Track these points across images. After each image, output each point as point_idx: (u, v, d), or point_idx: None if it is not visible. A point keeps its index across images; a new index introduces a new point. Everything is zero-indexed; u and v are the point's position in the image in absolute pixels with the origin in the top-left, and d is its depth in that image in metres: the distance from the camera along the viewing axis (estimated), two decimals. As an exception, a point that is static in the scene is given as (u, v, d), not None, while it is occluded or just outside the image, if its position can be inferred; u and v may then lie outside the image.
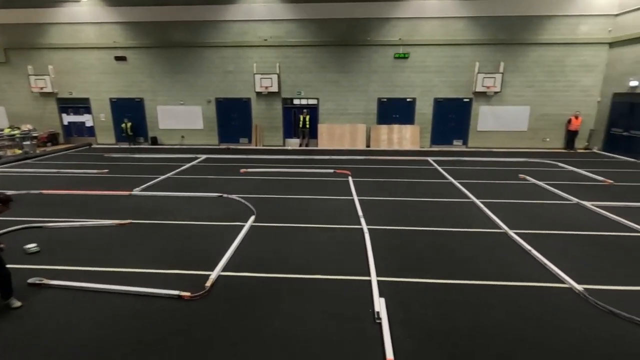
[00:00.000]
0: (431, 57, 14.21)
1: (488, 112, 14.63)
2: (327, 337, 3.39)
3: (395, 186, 8.85)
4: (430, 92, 14.63)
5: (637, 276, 4.48)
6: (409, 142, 14.84)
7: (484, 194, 8.06)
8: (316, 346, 3.27)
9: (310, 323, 3.60)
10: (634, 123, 12.61)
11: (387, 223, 6.28)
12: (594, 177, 9.67)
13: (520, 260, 4.92)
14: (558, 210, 7.01)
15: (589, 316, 3.70)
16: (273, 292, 4.16)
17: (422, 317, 3.69)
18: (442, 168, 10.89)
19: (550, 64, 13.95)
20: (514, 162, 11.86)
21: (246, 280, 4.43)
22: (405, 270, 4.63)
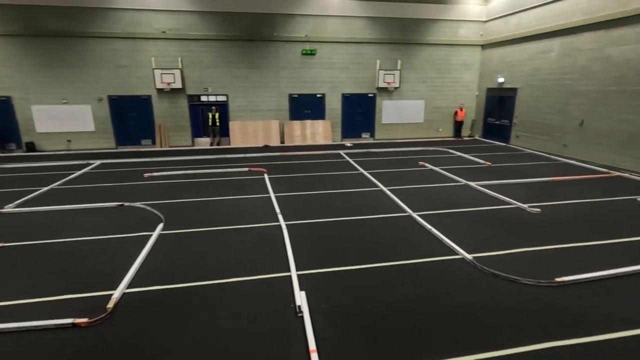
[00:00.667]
0: (336, 54, 14.80)
1: (390, 106, 15.88)
2: (249, 338, 3.32)
3: (311, 180, 9.04)
4: (338, 88, 15.26)
5: (511, 242, 5.35)
6: (321, 137, 15.29)
7: (390, 181, 8.75)
8: (238, 349, 3.17)
9: (231, 328, 3.47)
10: (503, 113, 15.02)
11: (305, 217, 6.39)
12: (476, 160, 11.26)
13: (423, 239, 5.48)
14: (451, 191, 7.99)
15: (478, 279, 4.30)
16: (188, 303, 3.89)
17: (341, 304, 3.85)
18: (353, 160, 11.50)
19: (438, 62, 15.73)
20: (414, 151, 13.12)
21: (157, 295, 4.06)
22: (324, 261, 4.78)
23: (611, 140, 10.44)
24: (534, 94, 13.22)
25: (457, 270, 4.56)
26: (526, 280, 4.23)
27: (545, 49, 12.52)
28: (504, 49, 14.52)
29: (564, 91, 11.90)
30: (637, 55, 9.56)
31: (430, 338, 3.32)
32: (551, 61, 12.31)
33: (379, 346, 3.22)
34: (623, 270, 4.43)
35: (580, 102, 11.35)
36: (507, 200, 7.22)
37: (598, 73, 10.66)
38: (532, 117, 13.37)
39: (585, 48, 11.02)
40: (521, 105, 13.88)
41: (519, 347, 3.17)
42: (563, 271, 4.40)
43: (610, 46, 10.25)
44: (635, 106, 9.71)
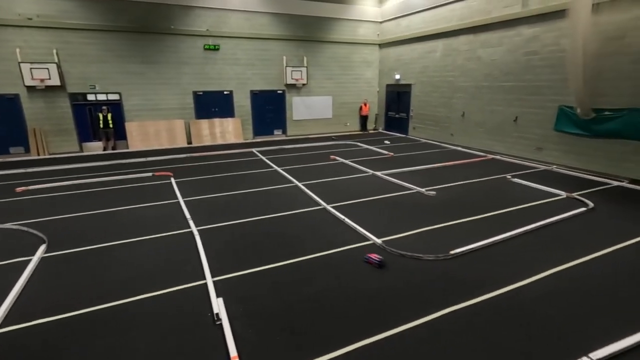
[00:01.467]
0: (241, 50, 14.41)
1: (300, 102, 16.12)
2: (165, 357, 3.04)
3: (223, 181, 8.68)
4: (246, 85, 14.91)
5: (414, 223, 5.92)
6: (232, 135, 14.79)
7: (304, 176, 8.91)
8: (150, 375, 2.88)
9: (143, 348, 3.14)
10: (401, 107, 16.49)
11: (218, 220, 6.11)
12: (381, 151, 12.17)
13: (338, 229, 5.71)
14: (360, 182, 8.48)
15: (387, 260, 4.66)
16: (85, 332, 3.40)
17: (260, 305, 3.79)
18: (267, 157, 11.39)
19: (341, 60, 16.48)
20: (325, 146, 13.59)
21: (43, 329, 3.45)
22: (241, 264, 4.64)
23: (485, 128, 12.29)
24: (425, 89, 14.79)
25: (370, 255, 4.87)
26: (427, 256, 4.73)
27: (431, 49, 14.08)
28: (398, 48, 15.91)
29: (447, 87, 13.57)
30: (500, 56, 11.38)
31: (347, 323, 3.48)
32: (436, 60, 13.91)
33: (298, 339, 3.26)
34: (499, 238, 5.27)
35: (460, 96, 13.08)
36: (409, 186, 7.97)
37: (473, 71, 12.41)
38: (425, 110, 14.97)
39: (462, 49, 12.71)
40: (415, 99, 15.42)
41: (427, 316, 3.54)
42: (456, 244, 5.04)
43: (480, 48, 12.01)
44: (501, 99, 11.57)
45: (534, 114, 10.59)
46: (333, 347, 3.13)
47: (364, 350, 3.11)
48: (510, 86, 11.17)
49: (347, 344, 3.17)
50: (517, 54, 10.83)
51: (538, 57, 10.25)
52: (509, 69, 11.14)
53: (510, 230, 5.48)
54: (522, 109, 10.95)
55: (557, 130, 9.97)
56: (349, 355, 3.06)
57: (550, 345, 3.15)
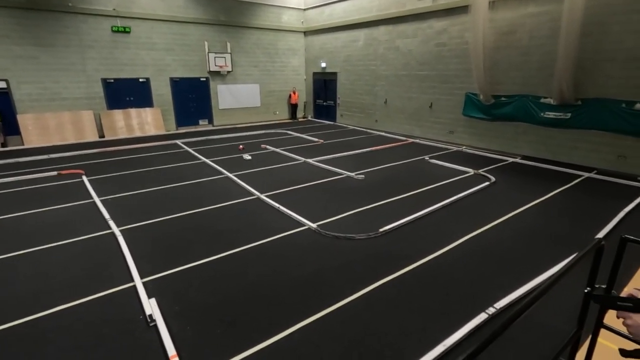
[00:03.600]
0: (157, 34, 13.28)
1: (225, 90, 15.50)
2: (91, 371, 2.81)
3: (145, 176, 8.05)
4: (165, 72, 13.83)
5: (346, 206, 6.20)
6: (152, 127, 13.68)
7: (235, 167, 8.69)
8: (76, 389, 2.64)
9: (62, 367, 2.85)
10: (328, 95, 16.87)
11: (144, 218, 5.69)
12: (311, 139, 12.37)
13: (273, 218, 5.73)
14: (292, 169, 8.56)
15: (324, 244, 4.84)
16: (-12, 356, 2.96)
17: (196, 301, 3.68)
18: (193, 149, 10.82)
19: (266, 47, 16.17)
20: (255, 135, 13.35)
21: None
22: (172, 261, 4.42)
23: (405, 114, 13.23)
24: (349, 78, 15.31)
25: (305, 239, 5.00)
26: (359, 236, 5.03)
27: (353, 38, 14.57)
28: (323, 37, 16.14)
29: (370, 75, 14.23)
30: (415, 47, 12.25)
31: (285, 308, 3.57)
32: (359, 49, 14.45)
33: (238, 329, 3.26)
34: (421, 213, 5.80)
35: (382, 84, 13.83)
36: (339, 171, 8.28)
37: (392, 60, 13.18)
38: (350, 97, 15.53)
39: (382, 39, 13.38)
40: (341, 87, 15.89)
41: (361, 290, 3.79)
42: (384, 222, 5.42)
43: (398, 38, 12.78)
44: (417, 87, 12.52)
45: (446, 101, 11.70)
46: (273, 333, 3.20)
47: (305, 331, 3.24)
48: (425, 75, 12.14)
49: (286, 327, 3.26)
50: (429, 45, 11.77)
51: (447, 49, 11.28)
52: (423, 59, 12.07)
53: (430, 206, 6.07)
54: (435, 96, 12.00)
55: (465, 115, 11.17)
56: (290, 337, 3.16)
57: (464, 302, 3.62)
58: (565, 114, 8.83)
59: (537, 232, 5.21)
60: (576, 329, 1.62)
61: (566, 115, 8.82)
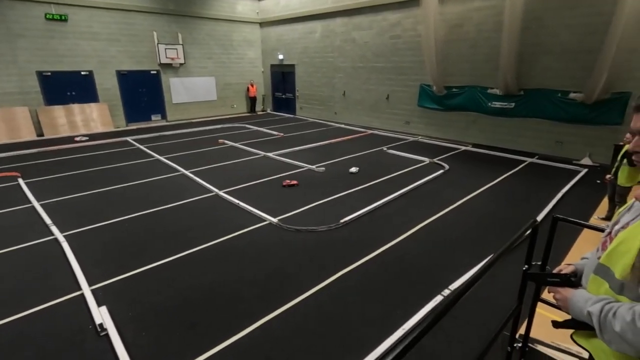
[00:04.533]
0: (99, 23, 12.34)
1: (179, 84, 14.81)
2: (34, 390, 2.59)
3: (92, 177, 7.51)
4: (110, 64, 12.92)
5: (307, 199, 6.19)
6: (99, 124, 12.77)
7: (191, 163, 8.36)
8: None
9: (-1, 389, 2.61)
10: (287, 88, 16.69)
11: (91, 222, 5.32)
12: (271, 132, 12.20)
13: (233, 214, 5.60)
14: (253, 164, 8.41)
15: (285, 237, 4.82)
16: None
17: (153, 305, 3.52)
18: (145, 146, 10.26)
19: (221, 38, 15.63)
20: (212, 130, 12.92)
21: None
22: (125, 266, 4.18)
23: (363, 106, 13.43)
24: (307, 70, 15.23)
25: (267, 234, 4.94)
26: (321, 228, 5.05)
27: (310, 30, 14.47)
28: (279, 28, 15.87)
29: (328, 67, 14.25)
30: (371, 39, 12.41)
31: (248, 305, 3.51)
32: (316, 41, 14.39)
33: (199, 330, 3.16)
34: (381, 202, 5.94)
35: (340, 76, 13.91)
36: (300, 164, 8.25)
37: (349, 52, 13.28)
38: (309, 90, 15.48)
39: (338, 31, 13.42)
40: (299, 80, 15.77)
41: (325, 281, 3.82)
42: (345, 213, 5.49)
43: (354, 30, 12.87)
44: (375, 79, 12.74)
45: (401, 92, 12.02)
46: (235, 331, 3.14)
47: (268, 326, 3.21)
48: (381, 67, 12.37)
49: (249, 325, 3.21)
50: (384, 37, 11.98)
51: (401, 41, 11.55)
52: (379, 51, 12.27)
53: (389, 195, 6.24)
54: (392, 88, 12.28)
55: (420, 106, 11.55)
56: (253, 333, 3.12)
57: (422, 286, 3.77)
58: (509, 104, 9.42)
59: (487, 216, 5.53)
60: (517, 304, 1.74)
61: (510, 105, 9.41)
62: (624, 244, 1.11)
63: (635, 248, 1.05)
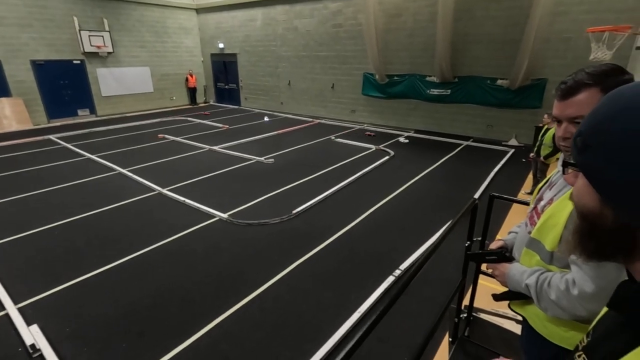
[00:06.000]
0: (4, 5, 10.78)
1: (108, 74, 13.55)
2: None
3: (12, 181, 6.64)
4: (22, 53, 11.41)
5: (257, 192, 6.07)
6: (13, 121, 11.28)
7: (129, 161, 7.76)
8: None
9: None
10: (229, 77, 16.09)
11: (11, 233, 4.72)
12: (215, 125, 11.72)
13: (179, 213, 5.31)
14: (197, 159, 8.02)
15: (236, 232, 4.69)
16: None
17: (93, 318, 3.23)
18: (73, 144, 9.29)
19: (153, 25, 14.52)
20: (151, 124, 12.07)
21: None
22: (57, 278, 3.77)
23: (309, 95, 13.41)
24: (250, 59, 14.79)
25: (217, 231, 4.77)
26: (273, 220, 4.99)
27: (251, 18, 14.01)
28: (218, 15, 15.14)
29: (271, 56, 13.96)
30: (313, 27, 12.35)
31: (200, 306, 3.38)
32: (257, 29, 13.99)
33: (148, 338, 2.98)
34: (331, 191, 6.02)
35: (285, 65, 13.71)
36: (248, 157, 8.04)
37: (292, 41, 13.10)
38: (253, 80, 15.07)
39: (280, 19, 13.15)
40: (242, 69, 15.28)
41: (277, 275, 3.78)
42: (297, 204, 5.48)
43: (296, 19, 12.70)
44: (319, 68, 12.74)
45: (346, 81, 12.18)
46: (189, 334, 3.01)
47: (223, 325, 3.11)
48: (325, 56, 12.40)
49: (204, 326, 3.09)
50: (326, 26, 12.00)
51: (343, 30, 11.65)
52: (322, 39, 12.27)
53: (339, 183, 6.34)
54: (336, 77, 12.39)
55: (364, 94, 11.82)
56: (209, 334, 3.01)
57: (374, 269, 3.91)
58: (446, 90, 10.00)
59: (430, 197, 5.87)
60: (461, 279, 1.87)
61: (447, 92, 10.00)
62: (552, 218, 1.22)
63: (563, 221, 1.16)
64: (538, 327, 1.33)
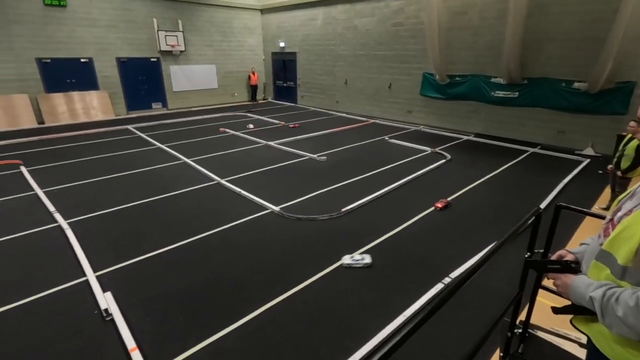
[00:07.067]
0: (98, 9, 12.16)
1: (179, 71, 14.68)
2: (42, 372, 2.65)
3: (94, 165, 7.52)
4: (110, 51, 12.78)
5: (308, 188, 6.20)
6: (99, 112, 12.71)
7: (192, 152, 8.35)
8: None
9: (8, 371, 2.66)
10: (288, 76, 16.54)
11: (93, 209, 5.35)
12: (272, 121, 12.14)
13: (234, 203, 5.62)
14: (254, 153, 8.39)
15: (286, 225, 4.85)
16: None
17: (156, 292, 3.56)
18: (146, 134, 10.24)
19: (221, 25, 15.41)
20: (213, 118, 12.86)
21: None
22: (128, 253, 4.21)
23: (365, 94, 13.32)
24: (309, 58, 15.07)
25: (269, 222, 4.97)
26: (322, 217, 5.07)
27: (312, 17, 14.26)
28: (280, 15, 15.64)
29: (329, 55, 14.09)
30: (373, 26, 12.24)
31: (249, 292, 3.55)
32: (317, 28, 14.20)
33: (201, 316, 3.21)
34: (382, 191, 5.95)
35: (342, 64, 13.77)
36: (301, 153, 8.24)
37: (351, 40, 13.11)
38: (310, 78, 15.34)
39: (340, 18, 13.22)
40: (301, 68, 15.62)
41: (323, 271, 3.85)
42: (346, 202, 5.51)
43: (356, 18, 12.68)
44: (376, 67, 12.60)
45: (404, 81, 11.91)
46: (237, 317, 3.18)
47: (269, 313, 3.25)
48: (383, 55, 12.23)
49: (251, 311, 3.25)
50: (386, 25, 11.82)
51: (404, 28, 11.39)
52: (381, 38, 12.11)
53: (391, 184, 6.24)
54: (394, 76, 12.16)
55: (422, 95, 11.46)
56: (255, 320, 3.16)
57: (423, 275, 3.81)
58: (513, 93, 9.34)
59: (488, 205, 5.55)
60: (518, 291, 1.76)
61: (514, 94, 9.33)
62: (627, 229, 1.11)
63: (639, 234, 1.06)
64: (603, 349, 1.22)
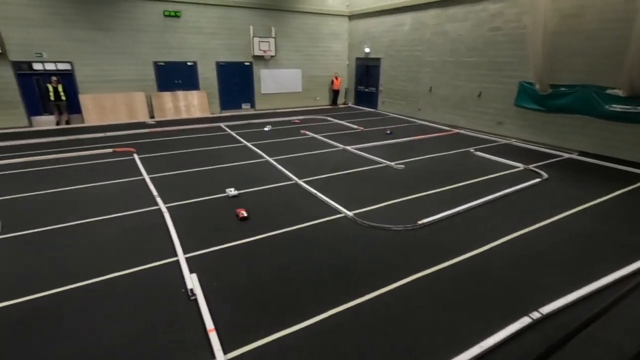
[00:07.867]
0: (205, 18, 13.60)
1: (268, 75, 15.64)
2: (140, 335, 3.03)
3: (190, 157, 8.40)
4: (211, 55, 14.20)
5: (384, 195, 6.08)
6: (197, 109, 14.20)
7: (274, 151, 8.81)
8: (128, 350, 2.87)
9: (114, 330, 3.10)
10: (370, 81, 16.48)
11: (187, 197, 5.97)
12: (351, 126, 12.21)
13: (309, 204, 5.77)
14: (331, 156, 8.53)
15: (359, 233, 4.81)
16: (50, 314, 3.29)
17: (234, 279, 3.82)
18: (235, 132, 11.11)
19: (309, 31, 16.02)
20: (295, 120, 13.41)
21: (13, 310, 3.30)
22: (212, 240, 4.60)
23: (450, 103, 12.61)
24: (393, 64, 14.82)
25: (341, 227, 4.99)
26: (396, 227, 4.92)
27: (399, 23, 14.01)
28: (368, 21, 15.68)
29: (415, 61, 13.67)
30: (465, 31, 11.54)
31: (318, 293, 3.60)
32: (404, 34, 13.88)
33: (272, 310, 3.34)
34: (463, 207, 5.56)
35: (427, 71, 13.24)
36: (378, 160, 8.12)
37: (439, 46, 12.54)
38: (393, 84, 15.06)
39: (430, 23, 12.75)
40: (384, 74, 15.43)
41: (393, 284, 3.73)
42: (423, 214, 5.26)
43: (447, 22, 12.09)
44: (465, 74, 11.85)
45: (495, 89, 10.98)
46: (306, 316, 3.24)
47: (336, 318, 3.25)
48: (474, 62, 11.44)
49: (319, 313, 3.29)
50: (482, 30, 11.03)
51: (501, 33, 10.51)
52: (473, 44, 11.35)
53: (474, 200, 5.79)
54: (484, 84, 11.30)
55: (517, 106, 10.43)
56: (322, 323, 3.19)
57: (504, 303, 3.44)
58: (635, 107, 7.95)
59: (592, 236, 4.80)
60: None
61: (636, 109, 7.94)
62: None
63: None
64: None
